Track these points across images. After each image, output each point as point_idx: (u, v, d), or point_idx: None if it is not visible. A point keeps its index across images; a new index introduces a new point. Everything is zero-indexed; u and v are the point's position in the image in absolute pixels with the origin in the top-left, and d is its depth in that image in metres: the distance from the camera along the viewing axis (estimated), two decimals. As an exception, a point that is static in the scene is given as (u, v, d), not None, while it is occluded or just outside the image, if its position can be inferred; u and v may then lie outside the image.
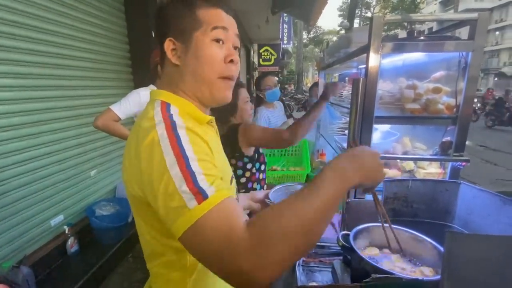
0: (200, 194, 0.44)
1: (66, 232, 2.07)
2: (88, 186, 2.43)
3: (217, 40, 0.59)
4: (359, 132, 0.92)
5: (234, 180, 0.74)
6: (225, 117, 1.45)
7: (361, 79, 0.88)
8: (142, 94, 1.72)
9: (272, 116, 2.44)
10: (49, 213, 2.04)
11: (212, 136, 0.66)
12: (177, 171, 0.46)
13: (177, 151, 0.47)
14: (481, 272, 0.56)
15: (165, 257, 0.59)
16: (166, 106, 0.56)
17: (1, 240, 1.69)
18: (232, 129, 1.37)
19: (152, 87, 1.82)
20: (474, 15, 0.84)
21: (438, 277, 0.59)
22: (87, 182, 2.42)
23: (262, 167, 1.52)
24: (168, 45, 0.59)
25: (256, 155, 1.46)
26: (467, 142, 0.95)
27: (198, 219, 0.42)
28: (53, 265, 1.99)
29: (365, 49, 0.93)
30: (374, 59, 0.88)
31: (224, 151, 0.76)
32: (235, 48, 0.63)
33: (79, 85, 2.26)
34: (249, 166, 1.43)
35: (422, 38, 0.89)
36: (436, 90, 0.96)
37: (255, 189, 1.49)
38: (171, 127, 0.50)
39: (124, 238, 2.36)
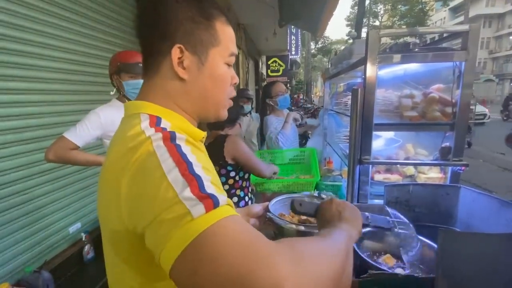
0: (210, 200, 0.35)
1: (83, 239, 2.16)
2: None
3: (229, 65, 0.56)
4: (360, 138, 0.97)
5: None
6: (221, 126, 1.50)
7: (359, 89, 0.93)
8: (103, 115, 1.44)
9: (280, 125, 2.43)
10: (67, 220, 2.14)
11: (205, 153, 0.55)
12: (176, 175, 0.37)
13: (177, 157, 0.39)
14: (474, 268, 0.59)
15: None
16: (156, 120, 0.47)
17: (23, 246, 1.80)
18: (220, 139, 1.43)
19: (115, 101, 1.54)
20: (466, 27, 0.89)
21: (432, 275, 0.62)
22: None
23: (246, 176, 1.53)
24: (175, 52, 0.49)
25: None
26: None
27: (211, 226, 0.33)
28: (71, 271, 2.07)
29: (363, 61, 0.99)
30: (371, 70, 0.94)
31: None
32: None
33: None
34: (232, 174, 1.46)
35: (417, 50, 0.94)
36: (432, 99, 1.00)
37: (238, 196, 1.51)
38: (170, 137, 0.42)
39: (137, 245, 2.43)
